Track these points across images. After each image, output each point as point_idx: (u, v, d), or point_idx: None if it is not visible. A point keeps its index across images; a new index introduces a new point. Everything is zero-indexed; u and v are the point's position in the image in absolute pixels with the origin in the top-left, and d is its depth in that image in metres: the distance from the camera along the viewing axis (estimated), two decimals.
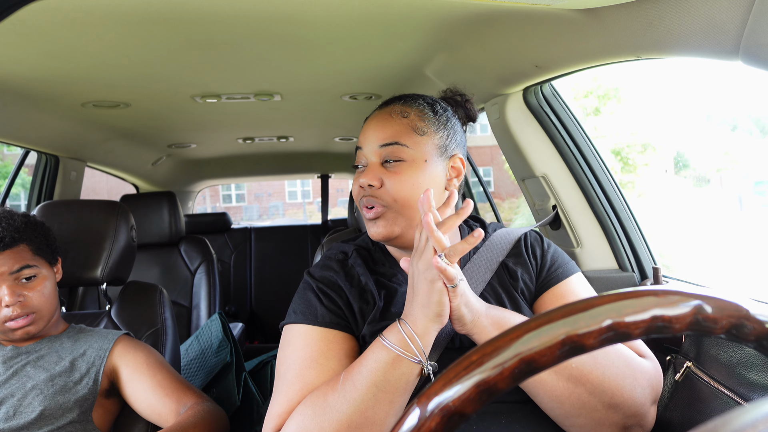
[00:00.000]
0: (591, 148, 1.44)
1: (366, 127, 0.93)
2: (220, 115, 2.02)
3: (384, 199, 0.87)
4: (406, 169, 0.87)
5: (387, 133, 0.88)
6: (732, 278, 6.23)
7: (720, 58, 0.77)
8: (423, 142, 0.89)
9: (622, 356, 0.76)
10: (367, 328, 0.84)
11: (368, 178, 0.87)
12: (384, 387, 0.69)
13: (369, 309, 0.87)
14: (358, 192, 0.90)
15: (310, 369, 0.78)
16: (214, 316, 1.96)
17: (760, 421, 0.27)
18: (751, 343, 0.39)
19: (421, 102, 0.93)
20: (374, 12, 1.04)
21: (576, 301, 0.39)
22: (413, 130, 0.89)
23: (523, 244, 0.95)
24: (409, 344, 0.70)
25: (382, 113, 0.92)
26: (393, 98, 0.96)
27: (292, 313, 0.87)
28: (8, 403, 1.06)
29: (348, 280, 0.90)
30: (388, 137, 0.88)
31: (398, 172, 0.87)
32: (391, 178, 0.86)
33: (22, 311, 1.11)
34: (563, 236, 1.52)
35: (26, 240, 1.16)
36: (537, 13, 0.96)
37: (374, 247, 0.99)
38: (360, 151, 0.92)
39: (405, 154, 0.87)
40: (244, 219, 20.13)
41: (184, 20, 1.04)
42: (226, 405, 1.65)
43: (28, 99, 1.53)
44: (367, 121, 0.94)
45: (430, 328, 0.71)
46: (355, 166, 0.93)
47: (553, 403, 0.73)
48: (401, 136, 0.88)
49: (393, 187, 0.86)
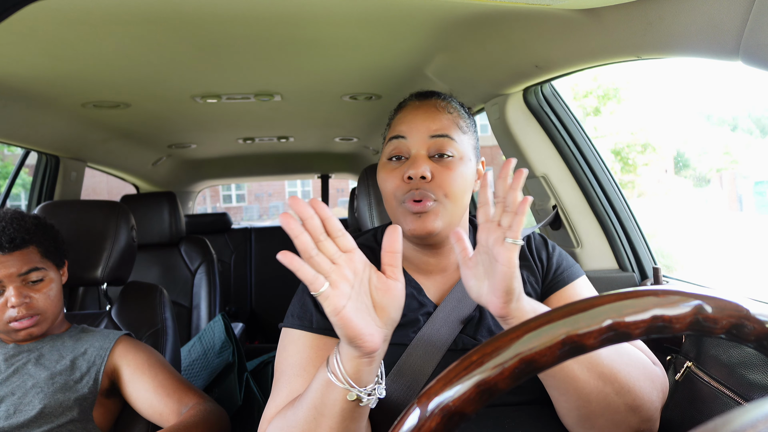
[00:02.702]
0: (591, 148, 1.44)
1: (410, 115, 0.87)
2: (220, 115, 2.02)
3: (435, 193, 0.82)
4: (457, 165, 0.84)
5: (438, 124, 0.85)
6: (732, 278, 6.23)
7: (720, 58, 0.77)
8: (465, 140, 0.88)
9: (642, 360, 0.77)
10: None
11: (421, 169, 0.81)
12: (322, 411, 0.65)
13: None
14: (398, 185, 0.84)
15: (297, 377, 0.78)
16: (217, 317, 1.96)
17: (760, 421, 0.27)
18: (752, 343, 0.39)
19: (456, 102, 0.92)
20: (374, 12, 1.04)
21: (576, 301, 0.39)
22: (458, 126, 0.87)
23: (527, 247, 0.94)
24: (337, 371, 0.64)
25: (427, 104, 0.88)
26: (428, 92, 0.92)
27: (290, 317, 0.86)
28: (9, 401, 1.06)
29: None
30: (439, 129, 0.84)
31: (450, 167, 0.83)
32: (443, 172, 0.82)
33: (27, 312, 1.11)
34: (563, 236, 1.52)
35: (36, 242, 1.16)
36: (537, 13, 0.96)
37: (378, 247, 0.95)
38: (401, 140, 0.85)
39: (454, 149, 0.85)
40: (245, 219, 20.12)
41: (184, 20, 1.04)
42: (228, 405, 1.65)
43: (28, 99, 1.53)
44: (406, 109, 0.89)
45: (351, 355, 0.63)
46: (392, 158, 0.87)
47: (581, 401, 0.71)
48: (451, 129, 0.85)
49: (446, 181, 0.82)
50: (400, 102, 0.94)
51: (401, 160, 0.86)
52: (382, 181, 0.87)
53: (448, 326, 0.83)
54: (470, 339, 0.83)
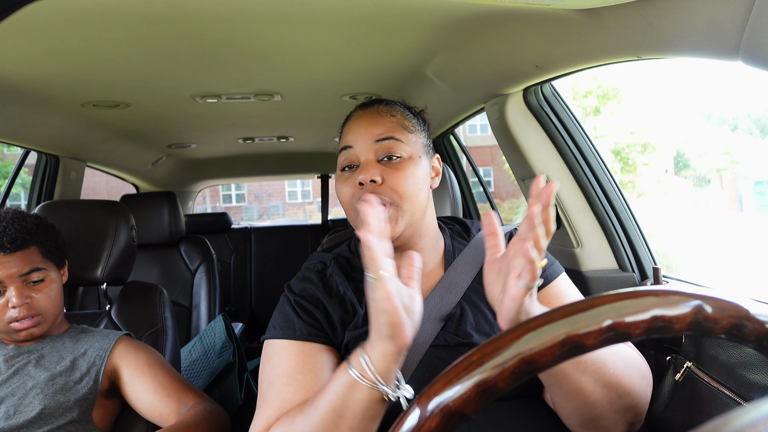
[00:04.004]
0: (591, 148, 1.44)
1: (354, 125, 0.91)
2: (220, 115, 2.02)
3: (388, 195, 0.84)
4: (407, 164, 0.86)
5: (381, 128, 0.87)
6: (732, 278, 6.23)
7: (720, 58, 0.77)
8: (413, 139, 0.90)
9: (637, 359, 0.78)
10: (348, 335, 0.84)
11: (370, 173, 0.83)
12: (343, 412, 0.65)
13: (349, 317, 0.86)
14: (352, 193, 0.86)
15: (288, 386, 0.78)
16: (218, 318, 1.96)
17: (760, 421, 0.27)
18: (751, 343, 0.39)
19: (399, 105, 0.95)
20: (374, 12, 1.04)
21: (576, 301, 0.39)
22: (403, 127, 0.89)
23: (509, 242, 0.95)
24: (365, 369, 0.65)
25: (369, 112, 0.91)
26: (370, 101, 0.96)
27: (272, 328, 0.86)
28: (8, 402, 1.06)
29: (327, 292, 0.89)
30: (383, 132, 0.87)
31: (400, 168, 0.85)
32: (393, 174, 0.85)
33: (28, 313, 1.11)
34: (563, 236, 1.52)
35: (37, 242, 1.15)
36: (537, 13, 0.96)
37: (352, 255, 0.97)
38: (349, 150, 0.88)
39: (402, 150, 0.87)
40: (244, 219, 20.12)
41: (184, 20, 1.04)
42: (229, 404, 1.65)
43: (28, 99, 1.53)
44: (351, 120, 0.93)
45: (384, 351, 0.64)
46: (344, 168, 0.89)
47: (587, 407, 0.71)
48: (395, 131, 0.88)
49: (396, 182, 0.84)
50: (347, 115, 0.97)
51: (353, 169, 0.88)
52: (338, 192, 0.90)
53: (429, 323, 0.84)
54: (452, 335, 0.84)
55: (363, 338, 0.82)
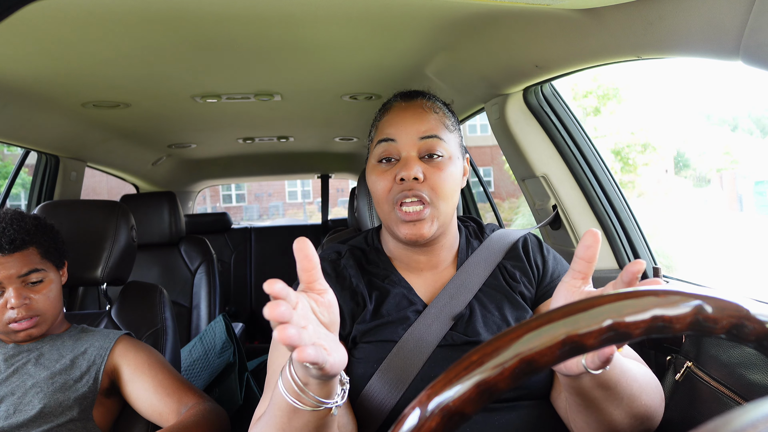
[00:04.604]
0: (591, 148, 1.44)
1: (398, 117, 0.88)
2: (220, 115, 2.02)
3: (426, 194, 0.83)
4: (447, 165, 0.85)
5: (426, 125, 0.86)
6: (732, 278, 6.23)
7: (720, 58, 0.77)
8: (451, 139, 0.89)
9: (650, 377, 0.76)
10: (356, 329, 0.84)
11: (413, 170, 0.82)
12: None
13: (359, 311, 0.86)
14: (390, 187, 0.84)
15: None
16: (218, 318, 1.96)
17: (760, 421, 0.27)
18: (752, 344, 0.39)
19: (439, 101, 0.93)
20: (374, 12, 1.04)
21: (576, 301, 0.39)
22: (444, 126, 0.88)
23: (522, 248, 0.94)
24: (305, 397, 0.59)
25: (413, 105, 0.89)
26: (413, 92, 0.93)
27: None
28: (8, 401, 1.06)
29: (339, 283, 0.88)
30: (428, 130, 0.85)
31: (440, 167, 0.84)
32: (433, 173, 0.84)
33: (26, 314, 1.11)
34: (563, 236, 1.52)
35: (36, 243, 1.15)
36: (537, 13, 0.96)
37: (369, 248, 0.97)
38: (391, 143, 0.86)
39: (443, 149, 0.86)
40: (244, 219, 20.12)
41: (184, 20, 1.04)
42: (229, 404, 1.65)
43: (28, 99, 1.53)
44: (393, 111, 0.90)
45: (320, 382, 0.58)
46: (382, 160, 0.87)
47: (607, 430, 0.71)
48: (439, 130, 0.86)
49: (437, 181, 0.83)
50: (384, 103, 0.94)
51: (391, 162, 0.86)
52: (373, 184, 0.88)
53: (438, 323, 0.84)
54: (460, 335, 0.83)
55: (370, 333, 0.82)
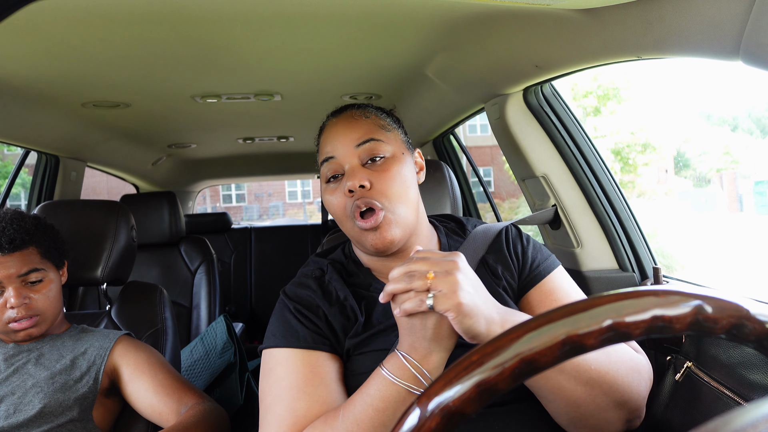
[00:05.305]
0: (591, 148, 1.44)
1: (331, 133, 0.88)
2: (220, 115, 2.02)
3: (378, 200, 0.81)
4: (392, 164, 0.84)
5: (359, 132, 0.85)
6: (732, 278, 6.23)
7: (720, 58, 0.77)
8: (392, 137, 0.88)
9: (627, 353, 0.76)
10: (349, 342, 0.81)
11: (357, 179, 0.81)
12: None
13: (351, 324, 0.83)
14: (344, 202, 0.83)
15: (299, 400, 0.74)
16: (219, 318, 1.96)
17: (760, 421, 0.27)
18: (752, 343, 0.39)
19: (371, 107, 0.93)
20: (374, 12, 1.04)
21: (576, 301, 0.39)
22: (380, 127, 0.88)
23: (504, 240, 0.93)
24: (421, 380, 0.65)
25: (343, 118, 0.89)
26: (340, 108, 0.94)
27: (272, 337, 0.82)
28: (8, 401, 1.06)
29: (326, 299, 0.86)
30: (362, 135, 0.85)
31: (386, 169, 0.83)
32: (380, 177, 0.83)
33: (26, 313, 1.11)
34: (563, 236, 1.52)
35: (35, 243, 1.15)
36: (537, 13, 0.96)
37: (347, 260, 0.95)
38: (331, 161, 0.86)
39: (384, 150, 0.85)
40: (245, 219, 20.13)
41: (184, 20, 1.04)
42: (229, 404, 1.65)
43: (28, 99, 1.53)
44: (327, 130, 0.90)
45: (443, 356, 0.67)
46: (329, 180, 0.87)
47: (570, 407, 0.71)
48: (374, 132, 0.86)
49: (385, 184, 0.82)
50: (320, 127, 0.95)
51: (338, 179, 0.86)
52: (329, 205, 0.87)
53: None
54: None
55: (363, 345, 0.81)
